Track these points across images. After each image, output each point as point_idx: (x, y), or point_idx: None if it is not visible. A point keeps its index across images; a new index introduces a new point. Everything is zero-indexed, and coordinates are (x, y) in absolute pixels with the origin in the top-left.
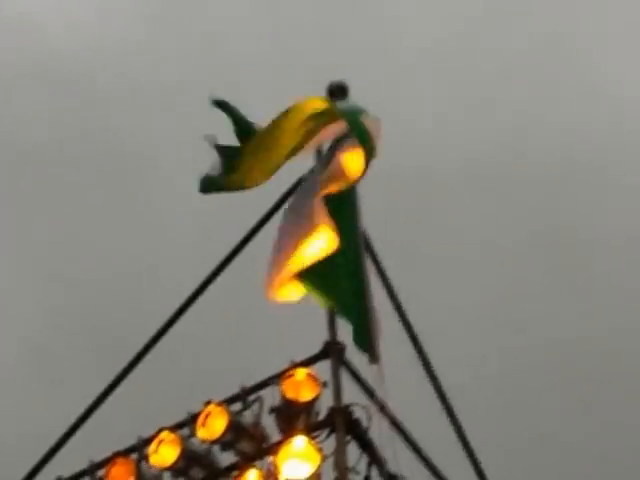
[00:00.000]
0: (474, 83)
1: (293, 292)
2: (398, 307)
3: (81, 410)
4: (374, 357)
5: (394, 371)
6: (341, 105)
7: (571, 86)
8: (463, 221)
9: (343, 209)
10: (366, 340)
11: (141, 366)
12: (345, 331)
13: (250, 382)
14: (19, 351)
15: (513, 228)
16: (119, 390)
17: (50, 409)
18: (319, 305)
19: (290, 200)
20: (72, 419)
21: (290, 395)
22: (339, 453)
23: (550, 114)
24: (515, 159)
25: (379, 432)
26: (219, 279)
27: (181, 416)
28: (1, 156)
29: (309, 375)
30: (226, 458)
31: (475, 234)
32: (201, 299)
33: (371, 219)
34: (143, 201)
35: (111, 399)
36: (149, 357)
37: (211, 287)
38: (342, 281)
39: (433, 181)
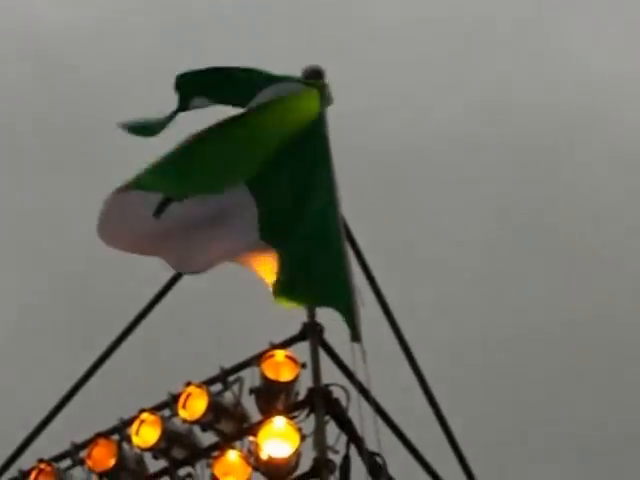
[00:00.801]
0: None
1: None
2: (375, 288)
3: (62, 389)
4: (356, 335)
5: (372, 351)
6: None
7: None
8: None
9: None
10: (351, 318)
11: (121, 347)
12: (323, 312)
13: (230, 363)
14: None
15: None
16: (99, 371)
17: (32, 387)
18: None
19: None
20: (53, 398)
21: (270, 376)
22: (318, 432)
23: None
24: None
25: (358, 411)
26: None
27: (161, 397)
28: None
29: (288, 356)
30: (207, 438)
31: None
32: (181, 281)
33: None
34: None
35: (92, 381)
36: (129, 338)
37: None
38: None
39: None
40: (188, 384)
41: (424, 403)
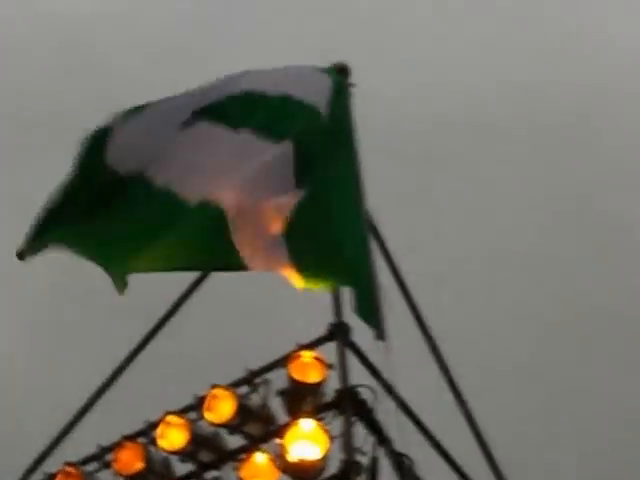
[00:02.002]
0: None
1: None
2: (403, 287)
3: (89, 390)
4: (381, 334)
5: (400, 351)
6: None
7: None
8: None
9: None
10: (373, 316)
11: (146, 349)
12: (351, 313)
13: (256, 365)
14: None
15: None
16: (125, 373)
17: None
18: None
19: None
20: (79, 399)
21: (297, 377)
22: (346, 434)
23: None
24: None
25: (386, 413)
26: None
27: (187, 400)
28: (6, 123)
29: (315, 357)
30: (234, 441)
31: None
32: (207, 281)
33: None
34: None
35: (117, 383)
36: (155, 340)
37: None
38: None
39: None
40: (214, 386)
41: (452, 402)
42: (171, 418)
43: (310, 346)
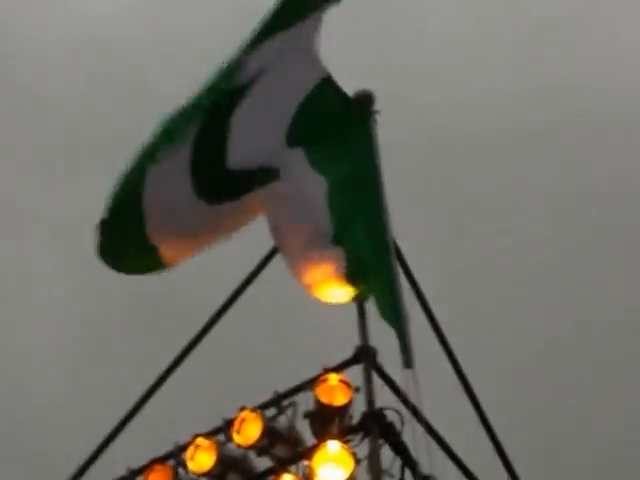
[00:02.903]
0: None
1: (340, 293)
2: (427, 310)
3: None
4: (409, 361)
5: (426, 373)
6: None
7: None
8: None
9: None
10: (403, 341)
11: (175, 372)
12: (377, 335)
13: (283, 388)
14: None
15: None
16: (154, 396)
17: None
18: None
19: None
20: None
21: (324, 400)
22: (373, 457)
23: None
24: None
25: (412, 435)
26: (253, 284)
27: (216, 422)
28: (35, 123)
29: (342, 380)
30: (262, 463)
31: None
32: (235, 304)
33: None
34: None
35: (147, 405)
36: (183, 363)
37: (245, 292)
38: (379, 278)
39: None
40: (242, 409)
41: (478, 424)
42: (200, 440)
43: (336, 369)
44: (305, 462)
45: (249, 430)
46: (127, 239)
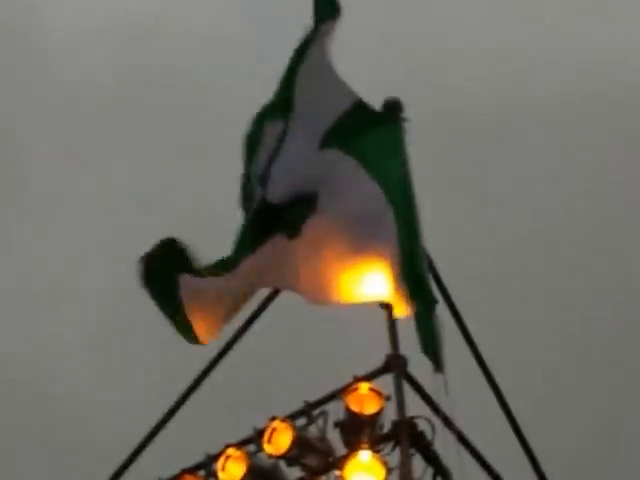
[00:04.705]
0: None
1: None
2: (459, 319)
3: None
4: (439, 366)
5: (457, 381)
6: None
7: None
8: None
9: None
10: (433, 349)
11: (204, 383)
12: (407, 344)
13: (314, 397)
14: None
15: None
16: (183, 407)
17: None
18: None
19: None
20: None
21: (354, 409)
22: (404, 466)
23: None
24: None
25: (444, 444)
26: (282, 293)
27: (246, 432)
28: (72, 111)
29: (372, 389)
30: (293, 473)
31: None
32: (264, 314)
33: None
34: (209, 156)
35: (177, 416)
36: (213, 372)
37: (275, 300)
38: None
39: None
40: (273, 419)
41: (510, 433)
42: (231, 451)
43: (367, 378)
44: (336, 472)
45: (280, 440)
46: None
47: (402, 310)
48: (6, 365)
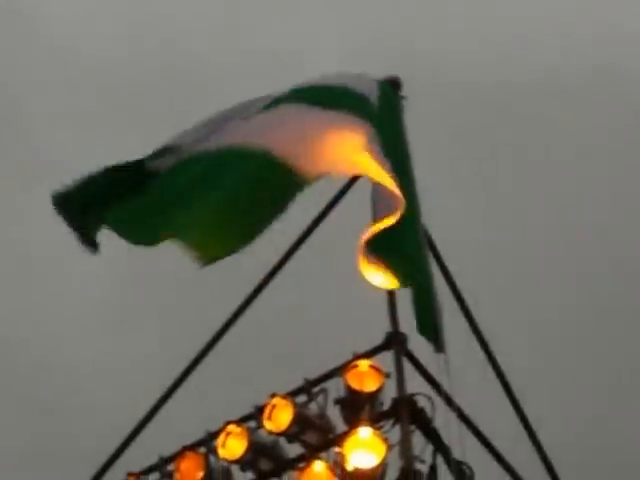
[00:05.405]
0: None
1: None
2: (459, 296)
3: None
4: (440, 346)
5: (457, 358)
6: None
7: None
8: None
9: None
10: (432, 329)
11: (204, 360)
12: (407, 321)
13: (314, 374)
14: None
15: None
16: (184, 384)
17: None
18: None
19: None
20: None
21: (354, 386)
22: (404, 442)
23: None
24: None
25: (444, 421)
26: (282, 272)
27: (247, 409)
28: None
29: (372, 366)
30: (293, 450)
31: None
32: (264, 292)
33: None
34: None
35: (177, 393)
36: (213, 352)
37: (274, 280)
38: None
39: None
40: (273, 396)
41: (510, 409)
42: (231, 427)
43: (367, 355)
44: (336, 449)
45: (280, 417)
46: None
47: (394, 281)
48: (7, 342)
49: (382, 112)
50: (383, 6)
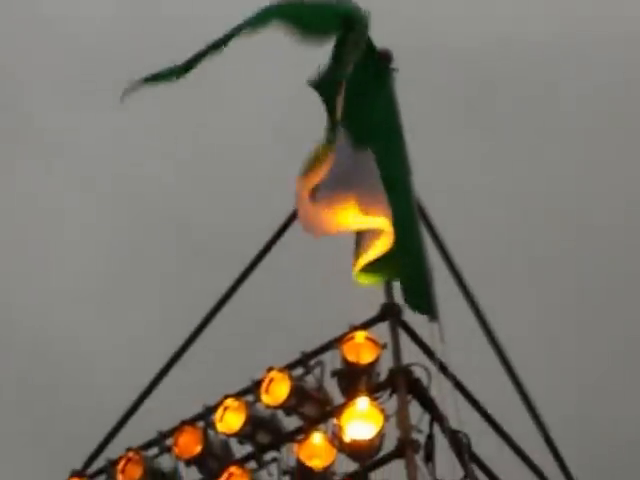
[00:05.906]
0: None
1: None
2: (452, 266)
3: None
4: (433, 315)
5: (452, 327)
6: None
7: None
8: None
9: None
10: (424, 298)
11: (201, 336)
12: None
13: (310, 347)
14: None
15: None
16: (181, 359)
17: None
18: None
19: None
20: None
21: (351, 358)
22: (401, 413)
23: None
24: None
25: (440, 390)
26: (277, 245)
27: (244, 383)
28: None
29: (368, 338)
30: (291, 422)
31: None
32: (259, 265)
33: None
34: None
35: (174, 369)
36: (210, 326)
37: (269, 253)
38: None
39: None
40: (270, 369)
41: (506, 379)
42: (229, 401)
43: (363, 327)
44: (334, 420)
45: (277, 390)
46: None
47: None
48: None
49: (370, 87)
50: None
